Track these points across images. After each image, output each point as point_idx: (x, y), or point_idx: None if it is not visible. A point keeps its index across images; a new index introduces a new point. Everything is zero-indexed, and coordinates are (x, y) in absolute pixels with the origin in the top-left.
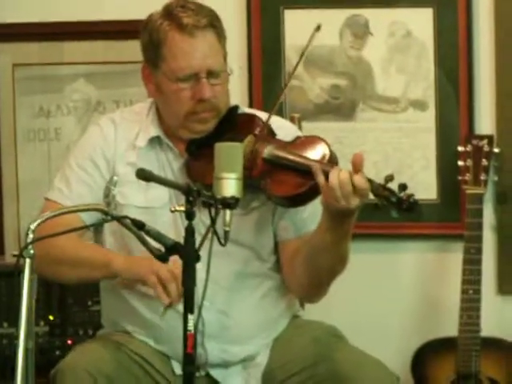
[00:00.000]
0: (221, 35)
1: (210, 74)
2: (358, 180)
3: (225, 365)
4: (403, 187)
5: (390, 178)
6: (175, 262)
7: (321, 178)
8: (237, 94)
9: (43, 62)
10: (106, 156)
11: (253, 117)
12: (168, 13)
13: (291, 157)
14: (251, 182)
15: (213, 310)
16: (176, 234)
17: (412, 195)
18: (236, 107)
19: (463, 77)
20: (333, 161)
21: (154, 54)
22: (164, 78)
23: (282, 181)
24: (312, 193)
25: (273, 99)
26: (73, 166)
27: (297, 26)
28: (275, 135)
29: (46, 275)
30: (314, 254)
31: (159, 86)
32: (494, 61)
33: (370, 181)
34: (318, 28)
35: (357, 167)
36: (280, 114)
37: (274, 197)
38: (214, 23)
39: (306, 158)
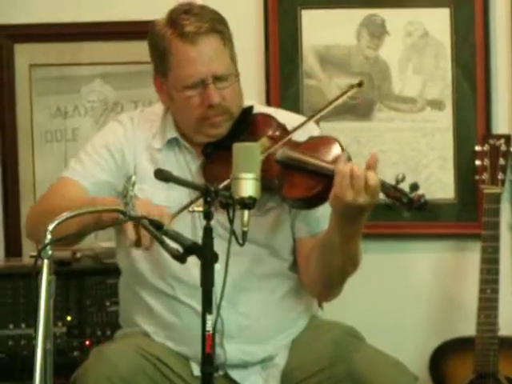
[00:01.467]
0: (225, 38)
1: (217, 78)
2: (371, 176)
3: (244, 365)
4: (414, 187)
5: (401, 179)
6: (155, 205)
7: (340, 165)
8: (254, 94)
9: (60, 62)
10: (123, 149)
11: (268, 118)
12: (171, 20)
13: (304, 158)
14: (265, 183)
15: (231, 310)
16: (193, 235)
17: (423, 195)
18: (251, 108)
19: (480, 76)
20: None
21: (161, 64)
22: (172, 88)
23: (295, 183)
24: (324, 195)
25: (290, 100)
26: (88, 150)
27: (314, 25)
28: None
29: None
30: (325, 254)
31: (170, 94)
32: (511, 60)
33: (381, 181)
34: (360, 84)
35: (371, 165)
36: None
37: (287, 199)
38: (216, 27)
39: (318, 158)
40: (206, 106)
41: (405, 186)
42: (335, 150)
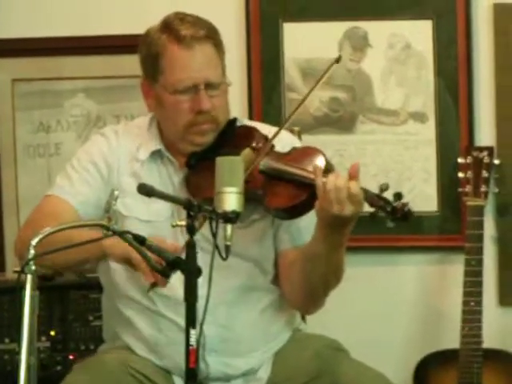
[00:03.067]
0: (219, 48)
1: (209, 85)
2: (353, 186)
3: (226, 379)
4: (398, 196)
5: (385, 188)
6: (163, 240)
7: (319, 180)
8: (236, 106)
9: (42, 77)
10: (107, 162)
11: (251, 129)
12: (166, 26)
13: (286, 168)
14: (249, 194)
15: (213, 323)
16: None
17: (406, 204)
18: (235, 120)
19: (463, 88)
20: (329, 170)
21: (152, 68)
22: (163, 91)
23: (278, 193)
24: (307, 204)
25: (272, 112)
26: (75, 166)
27: (296, 38)
28: (273, 147)
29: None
30: (308, 265)
31: (158, 99)
32: (493, 72)
33: (364, 190)
34: (338, 60)
35: (352, 175)
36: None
37: (270, 209)
38: (212, 35)
39: (301, 168)
40: (195, 112)
41: (389, 196)
42: (318, 160)
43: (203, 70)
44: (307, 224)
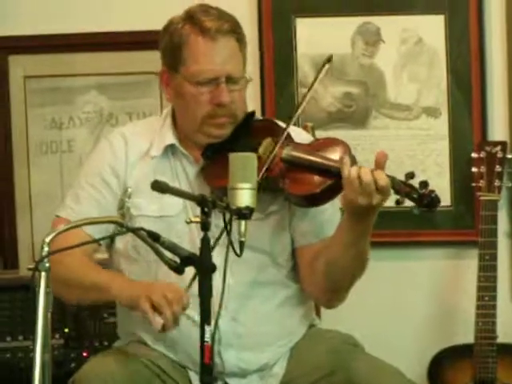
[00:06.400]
0: (242, 42)
1: (230, 79)
2: (380, 177)
3: (241, 374)
4: (425, 184)
5: (410, 176)
6: (170, 285)
7: (346, 171)
8: (249, 102)
9: (55, 73)
10: (116, 172)
11: (269, 122)
12: (190, 16)
13: (310, 157)
14: (269, 183)
15: (226, 317)
16: (191, 241)
17: (433, 191)
18: (253, 113)
19: (476, 83)
20: (353, 161)
21: (174, 57)
22: (183, 82)
23: (301, 180)
24: (330, 192)
25: (285, 108)
26: (82, 184)
27: (308, 34)
28: (293, 139)
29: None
30: (333, 257)
31: (178, 89)
32: (506, 67)
33: (391, 178)
34: (329, 59)
35: (379, 165)
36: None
37: (292, 196)
38: (236, 30)
39: (325, 157)
40: (214, 105)
41: (415, 185)
42: (341, 149)
43: (225, 64)
44: (330, 218)
